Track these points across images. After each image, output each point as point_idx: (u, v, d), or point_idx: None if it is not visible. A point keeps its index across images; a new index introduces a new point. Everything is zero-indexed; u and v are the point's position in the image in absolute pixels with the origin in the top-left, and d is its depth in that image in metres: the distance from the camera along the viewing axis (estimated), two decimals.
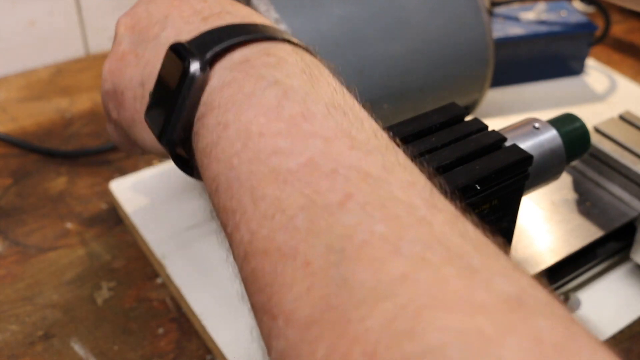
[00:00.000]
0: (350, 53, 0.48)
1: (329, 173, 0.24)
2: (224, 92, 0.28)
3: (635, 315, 0.47)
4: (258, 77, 0.28)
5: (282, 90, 0.27)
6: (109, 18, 0.76)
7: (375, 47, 0.49)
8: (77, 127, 0.67)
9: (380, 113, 0.44)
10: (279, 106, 0.26)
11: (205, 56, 0.29)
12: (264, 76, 0.27)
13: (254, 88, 0.27)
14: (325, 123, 0.26)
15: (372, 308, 0.20)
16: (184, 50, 0.29)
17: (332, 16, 0.49)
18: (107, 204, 0.57)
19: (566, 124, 0.42)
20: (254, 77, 0.28)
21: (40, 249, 0.53)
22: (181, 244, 0.52)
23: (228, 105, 0.27)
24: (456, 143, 0.36)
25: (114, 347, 0.46)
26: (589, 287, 0.49)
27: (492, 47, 0.54)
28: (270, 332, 0.23)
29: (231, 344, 0.44)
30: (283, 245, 0.23)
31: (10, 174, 0.60)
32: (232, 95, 0.27)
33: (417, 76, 0.51)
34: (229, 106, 0.27)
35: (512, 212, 0.37)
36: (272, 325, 0.22)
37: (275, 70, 0.28)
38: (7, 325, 0.47)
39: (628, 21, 0.87)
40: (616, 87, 0.72)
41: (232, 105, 0.27)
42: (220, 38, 0.29)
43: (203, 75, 0.28)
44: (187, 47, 0.29)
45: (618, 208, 0.49)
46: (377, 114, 0.42)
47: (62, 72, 0.75)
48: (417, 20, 0.51)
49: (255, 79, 0.27)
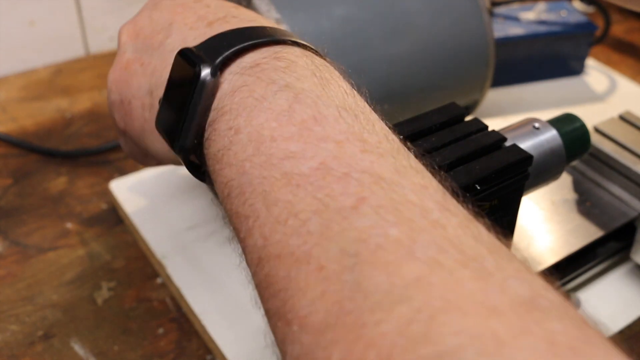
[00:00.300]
0: (351, 53, 0.48)
1: (341, 176, 0.24)
2: (234, 97, 0.28)
3: (635, 315, 0.47)
4: (269, 81, 0.27)
5: (293, 93, 0.27)
6: (109, 18, 0.76)
7: (376, 47, 0.49)
8: (77, 127, 0.67)
9: (381, 113, 0.44)
10: (290, 110, 0.26)
11: (215, 61, 0.28)
12: (275, 80, 0.27)
13: (265, 92, 0.27)
14: (337, 126, 0.26)
15: (387, 312, 0.20)
16: (193, 55, 0.29)
17: (333, 16, 0.49)
18: (107, 204, 0.57)
19: (566, 124, 0.42)
20: (265, 81, 0.27)
21: (40, 249, 0.53)
22: (181, 244, 0.52)
23: (239, 109, 0.27)
24: (456, 143, 0.36)
25: (114, 347, 0.46)
26: (589, 287, 0.49)
27: (492, 48, 0.54)
28: (285, 338, 0.23)
29: (231, 344, 0.44)
30: (296, 249, 0.23)
31: (10, 174, 0.60)
32: (243, 99, 0.27)
33: (417, 77, 0.51)
34: (240, 111, 0.27)
35: (512, 212, 0.37)
36: (287, 331, 0.22)
37: (285, 74, 0.28)
38: (7, 325, 0.47)
39: (628, 21, 0.87)
40: (616, 87, 0.72)
41: (243, 109, 0.27)
42: (229, 42, 0.29)
43: (214, 81, 0.28)
44: (196, 52, 0.29)
45: (618, 208, 0.49)
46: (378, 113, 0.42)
47: (62, 72, 0.75)
48: (418, 20, 0.51)
49: (266, 83, 0.27)
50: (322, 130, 0.25)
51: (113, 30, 0.77)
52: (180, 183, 0.58)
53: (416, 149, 0.28)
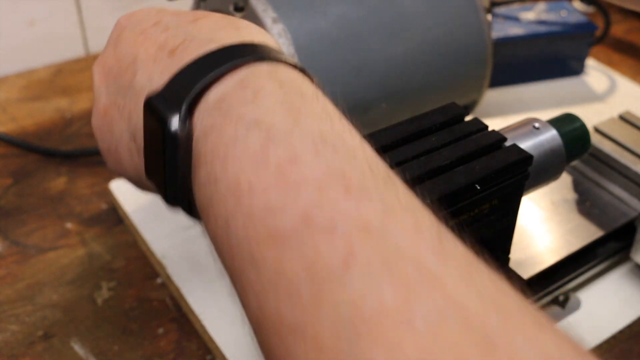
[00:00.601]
0: (348, 52, 0.48)
1: (326, 229, 0.22)
2: (207, 142, 0.26)
3: (635, 315, 0.47)
4: (237, 118, 0.26)
5: (264, 132, 0.25)
6: (108, 18, 0.76)
7: (374, 46, 0.49)
8: (77, 127, 0.67)
9: (378, 112, 0.43)
10: (263, 152, 0.25)
11: (181, 108, 0.27)
12: (243, 116, 0.26)
13: (236, 133, 0.26)
14: (315, 165, 0.24)
15: None
16: (159, 106, 0.28)
17: (331, 15, 0.49)
18: (107, 204, 0.57)
19: (566, 124, 0.42)
20: (234, 119, 0.26)
21: (40, 249, 0.53)
22: (181, 244, 0.52)
23: (213, 156, 0.26)
24: (456, 143, 0.36)
25: (114, 347, 0.46)
26: (589, 287, 0.49)
27: (490, 47, 0.54)
28: None
29: (231, 344, 0.44)
30: (291, 319, 0.22)
31: (10, 174, 0.60)
32: (215, 144, 0.26)
33: (415, 76, 0.51)
34: (214, 157, 0.26)
35: (512, 212, 0.37)
36: None
37: (253, 107, 0.26)
38: (7, 325, 0.47)
39: (628, 21, 0.87)
40: (616, 87, 0.72)
41: (216, 156, 0.26)
42: (192, 79, 0.28)
43: (186, 129, 0.27)
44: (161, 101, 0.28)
45: (618, 208, 0.49)
46: (376, 112, 0.41)
47: (62, 72, 0.75)
48: (416, 19, 0.51)
49: (235, 121, 0.26)
50: (300, 174, 0.24)
51: None
52: None
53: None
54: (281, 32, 0.46)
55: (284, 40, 0.46)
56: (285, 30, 0.47)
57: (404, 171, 0.33)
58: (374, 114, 0.49)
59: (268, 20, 0.47)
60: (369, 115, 0.49)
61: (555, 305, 0.47)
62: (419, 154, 0.35)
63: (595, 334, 0.46)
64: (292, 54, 0.46)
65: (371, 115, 0.49)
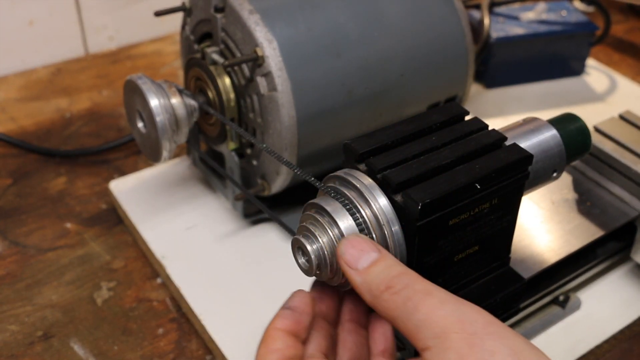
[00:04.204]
0: (325, 38, 0.48)
1: None
2: None
3: (635, 315, 0.47)
4: None
5: None
6: (108, 18, 0.76)
7: (351, 32, 0.50)
8: (77, 127, 0.67)
9: (360, 94, 0.42)
10: None
11: None
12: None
13: None
14: None
15: None
16: None
17: (305, 3, 0.49)
18: (107, 204, 0.57)
19: (566, 123, 0.42)
20: None
21: (39, 249, 0.53)
22: (181, 244, 0.52)
23: None
24: (456, 142, 0.36)
25: (114, 347, 0.46)
26: (589, 287, 0.49)
27: (469, 34, 0.55)
28: None
29: (231, 344, 0.44)
30: None
31: (10, 174, 0.60)
32: None
33: (395, 61, 0.51)
34: None
35: (512, 212, 0.37)
36: None
37: None
38: (6, 325, 0.47)
39: (628, 21, 0.87)
40: (616, 87, 0.72)
41: None
42: None
43: None
44: None
45: (618, 208, 0.49)
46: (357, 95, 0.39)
47: (62, 72, 0.75)
48: (391, 9, 0.52)
49: None
50: None
51: (112, 30, 0.77)
52: (180, 183, 0.58)
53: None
54: (258, 21, 0.46)
55: (261, 27, 0.46)
56: (263, 21, 0.47)
57: (404, 171, 0.33)
58: (357, 97, 0.50)
59: (245, 12, 0.46)
60: (352, 98, 0.49)
61: (556, 305, 0.47)
62: (420, 153, 0.34)
63: (595, 334, 0.46)
64: (271, 39, 0.46)
65: (354, 98, 0.49)
